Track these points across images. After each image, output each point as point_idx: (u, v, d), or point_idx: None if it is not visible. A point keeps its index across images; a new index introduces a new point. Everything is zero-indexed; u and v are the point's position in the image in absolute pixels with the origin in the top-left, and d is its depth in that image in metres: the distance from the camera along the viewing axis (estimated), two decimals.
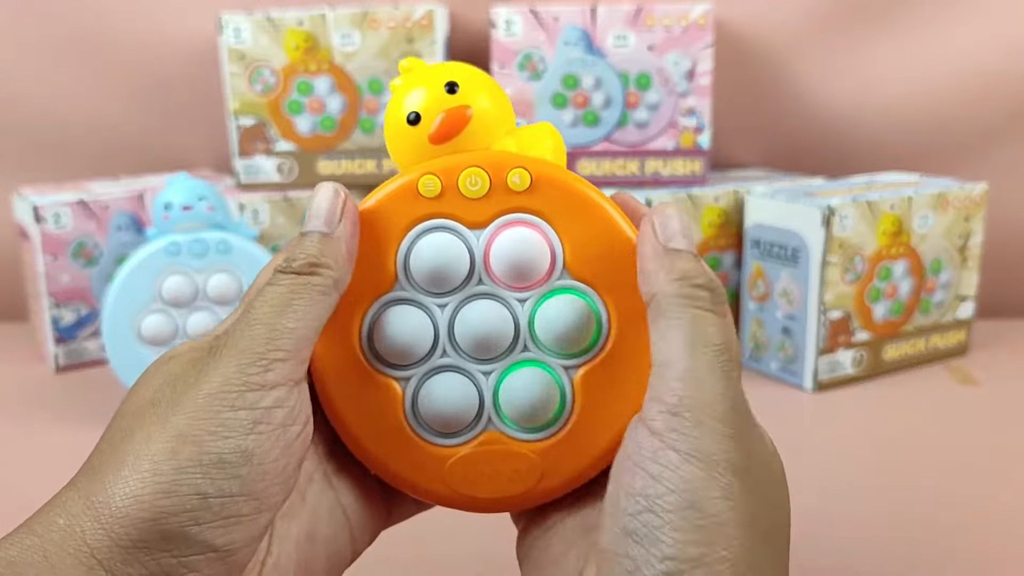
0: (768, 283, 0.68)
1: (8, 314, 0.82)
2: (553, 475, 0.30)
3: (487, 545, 0.41)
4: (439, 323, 0.30)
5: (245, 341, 0.26)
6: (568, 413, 0.30)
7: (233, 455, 0.25)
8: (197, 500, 0.24)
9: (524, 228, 0.30)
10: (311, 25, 0.72)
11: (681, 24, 0.69)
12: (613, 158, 0.72)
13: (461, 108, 0.30)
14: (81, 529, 0.24)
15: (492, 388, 0.30)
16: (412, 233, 0.30)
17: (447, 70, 0.31)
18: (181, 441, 0.25)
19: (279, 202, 0.74)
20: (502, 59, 0.71)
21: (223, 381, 0.26)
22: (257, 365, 0.26)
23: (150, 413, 0.26)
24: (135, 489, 0.24)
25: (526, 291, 0.30)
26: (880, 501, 0.49)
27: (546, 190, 0.30)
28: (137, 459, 0.25)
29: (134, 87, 0.81)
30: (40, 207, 0.68)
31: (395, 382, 0.30)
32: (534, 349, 0.30)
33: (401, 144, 0.31)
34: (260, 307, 0.27)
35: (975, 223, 0.70)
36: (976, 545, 0.45)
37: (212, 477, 0.25)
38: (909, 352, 0.69)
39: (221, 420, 0.25)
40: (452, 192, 0.30)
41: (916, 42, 0.78)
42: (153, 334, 0.57)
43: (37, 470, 0.55)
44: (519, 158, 0.30)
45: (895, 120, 0.79)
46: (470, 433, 0.30)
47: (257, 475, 0.25)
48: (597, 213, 0.30)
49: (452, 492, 0.30)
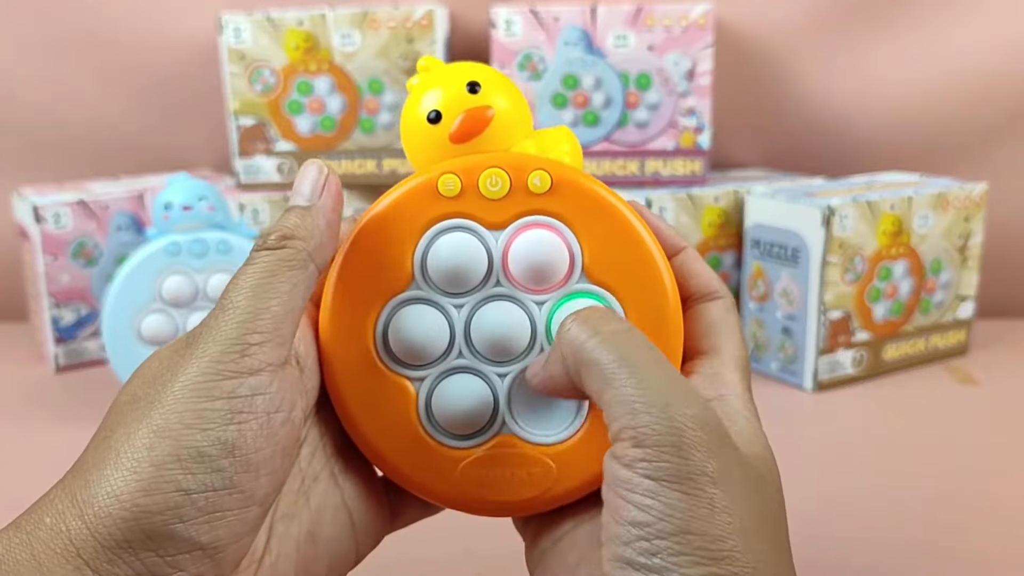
0: (768, 283, 0.68)
1: (8, 314, 0.82)
2: (567, 479, 0.30)
3: (487, 546, 0.41)
4: (455, 324, 0.30)
5: (220, 328, 0.25)
6: (583, 417, 0.30)
7: (213, 448, 0.24)
8: (179, 497, 0.24)
9: (543, 230, 0.30)
10: (311, 25, 0.72)
11: (681, 24, 0.69)
12: (613, 158, 0.72)
13: (483, 108, 0.30)
14: (67, 528, 0.24)
15: (507, 391, 0.30)
16: (430, 232, 0.30)
17: (467, 70, 0.31)
18: (159, 436, 0.24)
19: (279, 202, 0.74)
20: (502, 59, 0.71)
21: (198, 371, 0.25)
22: (232, 351, 0.25)
23: (130, 410, 0.25)
24: (116, 488, 0.24)
25: (544, 294, 0.30)
26: (880, 501, 0.49)
27: (566, 193, 0.30)
28: (118, 457, 0.24)
29: (134, 87, 0.81)
30: (40, 207, 0.68)
31: (409, 382, 0.30)
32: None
33: (420, 142, 0.31)
34: (233, 290, 0.26)
35: (975, 223, 0.70)
36: (976, 545, 0.45)
37: (192, 472, 0.24)
38: (909, 352, 0.69)
39: (198, 412, 0.24)
40: (472, 192, 0.30)
41: (916, 42, 0.78)
42: (153, 334, 0.57)
43: (37, 470, 0.55)
44: (540, 160, 0.30)
45: (895, 120, 0.79)
46: (484, 436, 0.30)
47: (241, 467, 0.25)
48: (616, 217, 0.30)
49: (464, 495, 0.30)
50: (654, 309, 0.29)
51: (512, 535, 0.33)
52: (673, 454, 0.24)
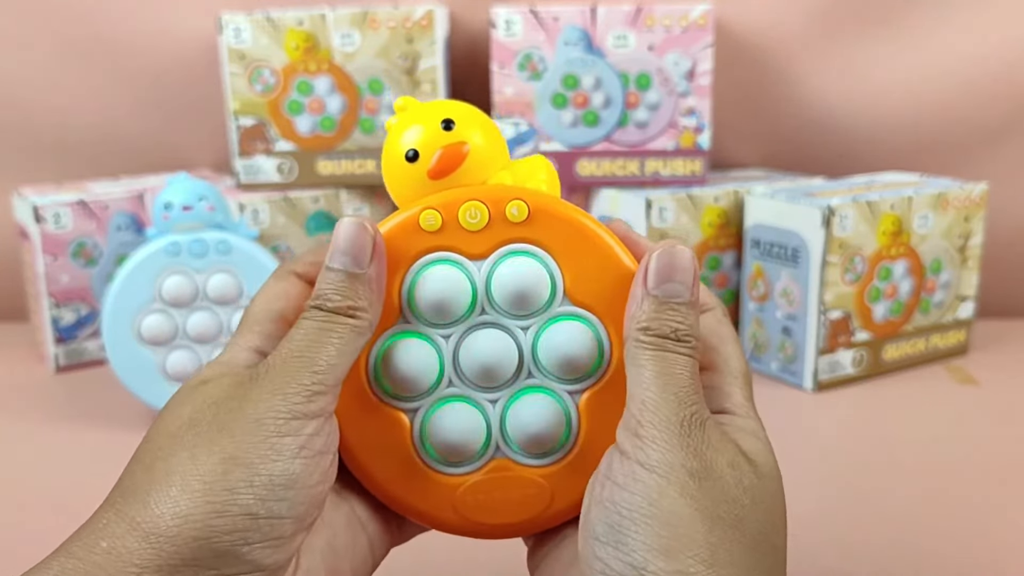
0: (768, 283, 0.68)
1: (8, 314, 0.82)
2: (562, 498, 0.31)
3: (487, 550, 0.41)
4: (444, 354, 0.31)
5: (289, 372, 0.27)
6: (575, 437, 0.31)
7: (282, 478, 0.26)
8: (248, 520, 0.25)
9: (524, 258, 0.30)
10: (311, 25, 0.72)
11: (681, 24, 0.69)
12: (613, 158, 0.72)
13: (458, 144, 0.31)
14: (127, 550, 0.25)
15: (499, 416, 0.31)
16: (415, 266, 0.30)
17: (442, 108, 0.32)
18: (232, 463, 0.26)
19: (279, 202, 0.74)
20: (502, 59, 0.71)
21: (269, 408, 0.27)
22: (302, 396, 0.27)
23: (191, 434, 0.27)
24: (186, 508, 0.25)
25: (528, 319, 0.31)
26: (880, 501, 0.49)
27: (544, 220, 0.30)
28: (185, 479, 0.25)
29: (134, 87, 0.81)
30: (40, 207, 0.68)
31: (403, 414, 0.31)
32: (538, 375, 0.31)
33: (400, 180, 0.31)
34: (300, 340, 0.28)
35: (975, 223, 0.70)
36: (976, 545, 0.45)
37: (262, 498, 0.26)
38: (909, 352, 0.69)
39: (270, 444, 0.26)
40: (453, 225, 0.30)
41: (916, 42, 0.78)
42: (153, 334, 0.57)
43: (37, 470, 0.55)
44: (516, 190, 0.31)
45: (895, 120, 0.79)
46: (479, 461, 0.31)
47: (301, 498, 0.27)
48: (594, 241, 0.30)
49: (464, 520, 0.31)
50: None
51: (510, 541, 0.33)
52: (662, 446, 0.27)
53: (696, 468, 0.26)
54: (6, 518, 0.25)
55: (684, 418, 0.27)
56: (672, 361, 0.28)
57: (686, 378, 0.28)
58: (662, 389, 0.27)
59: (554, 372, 0.30)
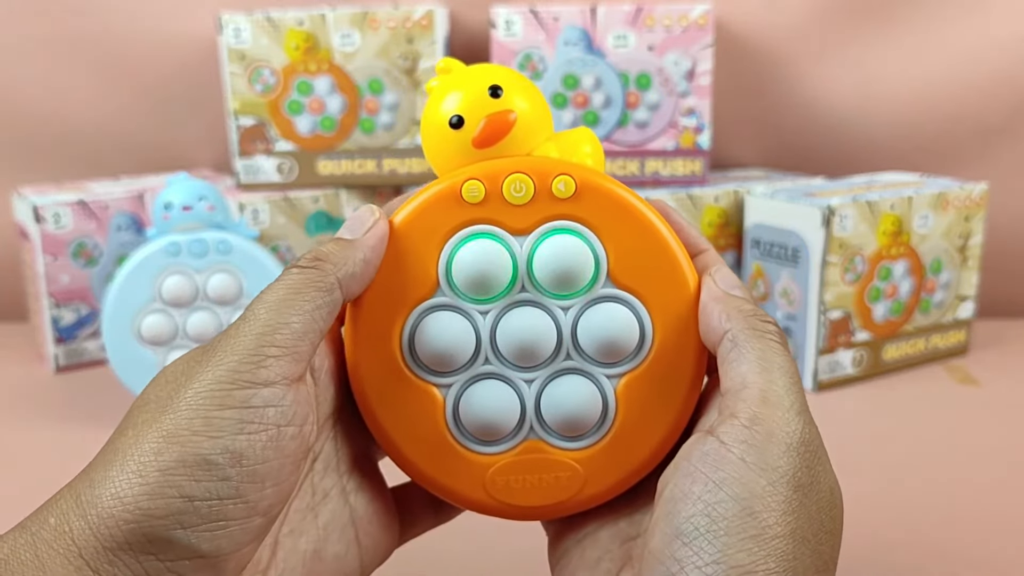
0: (768, 283, 0.68)
1: (8, 314, 0.82)
2: (595, 483, 0.30)
3: (490, 544, 0.41)
4: (481, 330, 0.30)
5: (239, 338, 0.26)
6: (610, 422, 0.30)
7: (220, 456, 0.24)
8: (182, 503, 0.24)
9: (568, 236, 0.29)
10: (311, 25, 0.72)
11: (681, 24, 0.69)
12: (613, 158, 0.72)
13: (505, 112, 0.30)
14: (69, 528, 0.24)
15: (534, 396, 0.30)
16: (455, 239, 0.30)
17: (488, 72, 0.31)
18: (167, 441, 0.24)
19: (279, 202, 0.74)
20: (502, 59, 0.71)
21: (213, 379, 0.25)
22: (249, 362, 0.25)
23: (141, 414, 0.26)
24: (120, 490, 0.24)
25: (569, 299, 0.30)
26: (880, 501, 0.49)
27: (591, 198, 0.29)
28: (124, 459, 0.24)
29: (134, 87, 0.81)
30: (40, 207, 0.68)
31: (436, 389, 0.30)
32: (576, 358, 0.30)
33: (441, 147, 0.30)
34: (257, 303, 0.26)
35: (975, 223, 0.70)
36: (976, 545, 0.45)
37: (198, 479, 0.24)
38: (909, 352, 0.69)
39: (208, 419, 0.24)
40: (496, 198, 0.29)
41: (916, 42, 0.78)
42: (153, 334, 0.57)
43: (37, 470, 0.55)
44: (564, 164, 0.30)
45: (895, 120, 0.79)
46: (512, 441, 0.30)
47: (247, 477, 0.24)
48: (640, 221, 0.30)
49: (493, 500, 0.30)
50: (679, 312, 0.29)
51: (516, 534, 0.33)
52: (775, 447, 0.25)
53: (804, 482, 0.25)
54: (6, 517, 0.25)
55: (805, 423, 0.25)
56: (776, 351, 0.27)
57: (795, 375, 0.27)
58: (778, 382, 0.26)
59: (593, 355, 0.30)
